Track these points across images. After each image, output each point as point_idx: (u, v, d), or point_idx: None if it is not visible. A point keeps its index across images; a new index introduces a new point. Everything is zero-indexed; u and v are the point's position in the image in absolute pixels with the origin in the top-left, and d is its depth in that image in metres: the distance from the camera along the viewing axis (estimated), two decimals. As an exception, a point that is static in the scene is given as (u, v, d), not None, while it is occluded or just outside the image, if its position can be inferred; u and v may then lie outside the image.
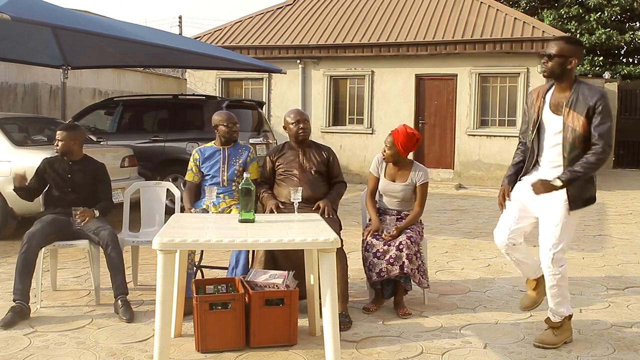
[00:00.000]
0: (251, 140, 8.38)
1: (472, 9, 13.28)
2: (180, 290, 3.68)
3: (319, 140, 4.66)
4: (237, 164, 4.49)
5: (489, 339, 3.70)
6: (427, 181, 4.31)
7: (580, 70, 20.58)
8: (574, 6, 20.56)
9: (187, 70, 14.79)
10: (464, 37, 12.42)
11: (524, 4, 21.49)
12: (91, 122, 9.35)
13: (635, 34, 20.97)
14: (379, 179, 4.37)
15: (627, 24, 21.76)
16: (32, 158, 6.02)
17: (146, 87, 15.07)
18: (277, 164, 4.39)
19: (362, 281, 4.78)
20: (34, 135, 7.20)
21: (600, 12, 20.19)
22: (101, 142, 8.37)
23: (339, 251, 3.76)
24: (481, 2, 13.43)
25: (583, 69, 20.61)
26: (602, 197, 11.31)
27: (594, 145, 3.33)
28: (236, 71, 12.72)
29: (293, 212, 3.74)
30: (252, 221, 3.43)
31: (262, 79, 13.96)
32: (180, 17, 31.28)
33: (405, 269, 4.01)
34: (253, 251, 4.17)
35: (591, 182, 3.47)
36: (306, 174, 4.30)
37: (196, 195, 4.55)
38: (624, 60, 22.20)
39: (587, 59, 20.94)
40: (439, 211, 9.19)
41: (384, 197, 4.39)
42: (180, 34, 27.89)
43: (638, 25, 21.86)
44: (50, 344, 3.54)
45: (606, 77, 18.81)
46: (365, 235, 4.20)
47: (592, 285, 4.98)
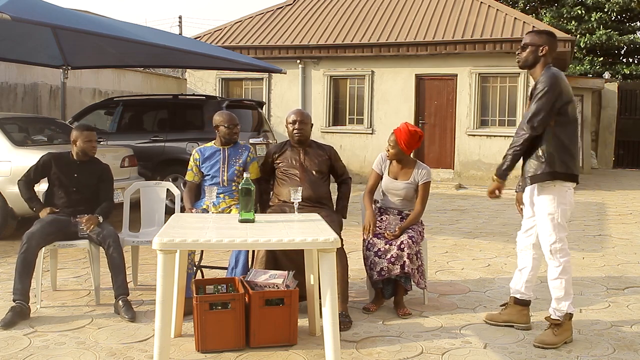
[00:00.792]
0: (251, 140, 8.38)
1: (472, 9, 13.28)
2: (180, 290, 3.68)
3: (319, 141, 4.66)
4: (237, 164, 4.49)
5: (489, 339, 3.70)
6: (430, 180, 4.32)
7: (580, 70, 20.59)
8: (574, 6, 20.54)
9: (187, 70, 14.79)
10: (464, 37, 12.42)
11: (522, 4, 21.48)
12: (91, 122, 9.33)
13: (635, 34, 20.97)
14: (381, 176, 4.37)
15: (627, 24, 21.76)
16: (32, 158, 5.98)
17: (146, 87, 15.07)
18: (278, 162, 4.39)
19: (362, 281, 4.78)
20: (34, 135, 7.19)
21: (600, 12, 20.17)
22: (101, 142, 8.36)
23: (339, 251, 3.75)
24: (481, 2, 13.43)
25: (583, 69, 20.62)
26: (602, 197, 11.32)
27: (522, 124, 3.55)
28: (236, 71, 12.72)
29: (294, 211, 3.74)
30: (252, 221, 3.43)
31: (262, 79, 13.96)
32: (180, 17, 31.31)
33: (406, 269, 4.01)
34: (253, 251, 4.17)
35: (551, 159, 3.52)
36: (307, 173, 4.30)
37: (196, 195, 4.54)
38: (624, 60, 22.20)
39: (587, 59, 20.94)
40: (439, 211, 9.19)
41: (386, 195, 4.40)
42: (180, 34, 27.89)
43: (639, 25, 21.86)
44: (50, 344, 3.54)
45: (606, 77, 18.82)
46: (365, 235, 4.20)
47: (592, 285, 4.98)
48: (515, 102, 12.41)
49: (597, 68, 20.69)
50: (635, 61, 22.35)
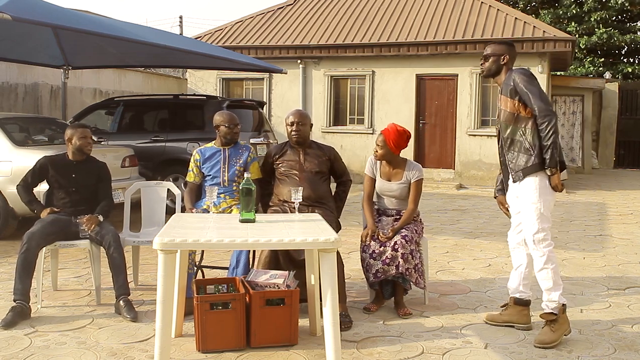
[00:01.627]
0: (252, 140, 8.38)
1: (473, 9, 13.28)
2: (181, 290, 3.68)
3: (320, 141, 4.67)
4: (238, 164, 4.49)
5: (489, 339, 3.70)
6: (422, 178, 4.33)
7: (581, 70, 20.58)
8: (574, 6, 20.52)
9: (188, 70, 14.80)
10: (464, 37, 12.41)
11: (522, 4, 21.46)
12: (92, 122, 9.34)
13: (636, 33, 20.96)
14: (375, 180, 4.38)
15: (628, 24, 21.75)
16: (32, 158, 5.98)
17: (147, 87, 15.08)
18: (278, 162, 4.39)
19: (362, 281, 4.78)
20: (34, 135, 7.19)
21: (600, 12, 20.15)
22: (102, 142, 8.37)
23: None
24: (481, 2, 13.43)
25: (584, 69, 20.60)
26: (603, 197, 11.31)
27: (539, 116, 3.57)
28: (237, 71, 12.72)
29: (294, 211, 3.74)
30: (253, 221, 3.43)
31: (263, 79, 13.96)
32: (180, 17, 31.35)
33: (400, 269, 4.01)
34: (254, 251, 4.17)
35: (539, 150, 3.60)
36: (306, 173, 4.30)
37: (197, 195, 4.54)
38: (625, 60, 22.19)
39: (588, 59, 20.92)
40: (439, 211, 9.19)
41: (381, 197, 4.40)
42: (181, 34, 27.91)
43: (639, 25, 21.85)
44: (51, 344, 3.54)
45: (607, 77, 18.81)
46: (363, 238, 4.20)
47: (592, 285, 4.98)
48: (515, 102, 12.38)
49: (598, 68, 20.67)
50: (637, 60, 22.34)
